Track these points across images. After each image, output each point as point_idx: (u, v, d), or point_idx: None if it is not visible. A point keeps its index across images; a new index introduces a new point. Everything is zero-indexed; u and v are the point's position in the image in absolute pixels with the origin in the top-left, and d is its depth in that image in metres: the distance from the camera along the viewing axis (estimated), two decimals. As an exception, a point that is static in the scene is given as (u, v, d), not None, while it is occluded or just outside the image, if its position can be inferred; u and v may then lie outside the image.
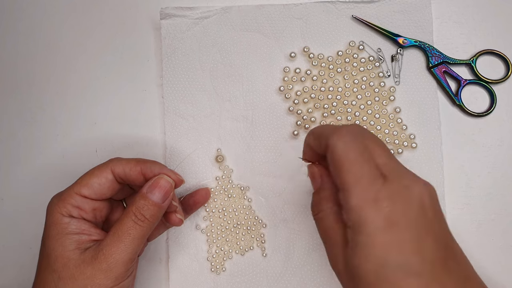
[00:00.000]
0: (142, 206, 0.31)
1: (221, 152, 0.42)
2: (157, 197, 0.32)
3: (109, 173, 0.33)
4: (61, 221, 0.31)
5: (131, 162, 0.33)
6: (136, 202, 0.31)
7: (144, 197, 0.31)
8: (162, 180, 0.32)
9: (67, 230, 0.31)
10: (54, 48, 0.45)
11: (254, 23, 0.43)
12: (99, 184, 0.33)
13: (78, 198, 0.32)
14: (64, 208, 0.32)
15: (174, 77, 0.43)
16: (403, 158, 0.41)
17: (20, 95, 0.44)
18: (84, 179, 0.33)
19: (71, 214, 0.32)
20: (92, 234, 0.32)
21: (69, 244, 0.31)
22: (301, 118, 0.42)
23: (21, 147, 0.44)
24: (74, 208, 0.32)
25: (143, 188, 0.32)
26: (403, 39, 0.42)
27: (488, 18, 0.44)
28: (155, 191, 0.32)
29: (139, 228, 0.31)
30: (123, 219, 0.31)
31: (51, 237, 0.31)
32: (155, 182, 0.32)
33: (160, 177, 0.32)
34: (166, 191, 0.32)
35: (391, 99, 0.42)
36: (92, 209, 0.33)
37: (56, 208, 0.32)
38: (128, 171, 0.33)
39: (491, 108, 0.42)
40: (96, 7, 0.45)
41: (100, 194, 0.33)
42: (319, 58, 0.43)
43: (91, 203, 0.33)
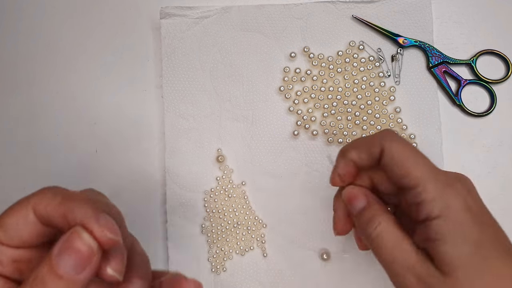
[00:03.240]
0: (44, 276, 0.20)
1: (221, 152, 0.42)
2: (67, 267, 0.20)
3: (30, 212, 0.22)
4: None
5: (55, 199, 0.22)
6: (37, 270, 0.20)
7: (49, 262, 0.20)
8: (78, 240, 0.20)
9: None
10: (54, 48, 0.45)
11: (254, 23, 0.43)
12: (16, 226, 0.22)
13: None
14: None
15: (174, 77, 0.43)
16: (403, 158, 0.41)
17: (20, 95, 0.44)
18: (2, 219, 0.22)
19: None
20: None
21: None
22: (301, 118, 0.42)
23: (21, 147, 0.44)
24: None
25: (54, 248, 0.20)
26: (403, 39, 0.42)
27: (488, 18, 0.44)
28: (64, 254, 0.20)
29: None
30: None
31: None
32: (67, 241, 0.20)
33: (77, 233, 0.20)
34: (83, 258, 0.20)
35: (391, 99, 0.42)
36: (12, 260, 0.23)
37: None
38: (50, 211, 0.22)
39: (491, 108, 0.42)
40: (96, 7, 0.45)
41: (19, 240, 0.22)
42: (319, 58, 0.43)
43: (9, 252, 0.22)
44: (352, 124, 0.42)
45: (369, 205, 0.28)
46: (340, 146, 0.42)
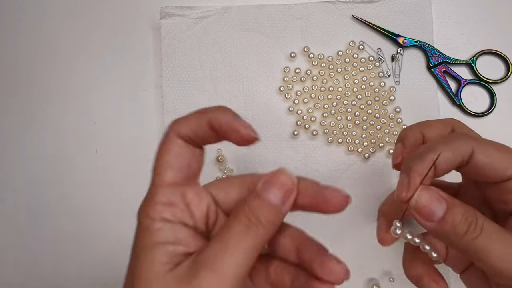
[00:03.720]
0: (256, 207, 0.23)
1: (221, 152, 0.42)
2: (275, 198, 0.23)
3: (177, 139, 0.26)
4: (151, 226, 0.24)
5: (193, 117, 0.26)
6: (248, 202, 0.23)
7: (258, 196, 0.23)
8: (282, 175, 0.24)
9: (158, 238, 0.24)
10: (54, 48, 0.45)
11: (254, 23, 0.43)
12: (176, 157, 0.25)
13: (166, 190, 0.24)
14: (152, 209, 0.24)
15: (174, 77, 0.43)
16: (403, 158, 0.41)
17: (20, 95, 0.44)
18: (158, 163, 0.25)
19: (163, 216, 0.24)
20: (190, 244, 0.24)
21: (159, 257, 0.23)
22: (301, 118, 0.42)
23: (21, 147, 0.44)
24: (165, 207, 0.24)
25: (257, 186, 0.24)
26: (403, 39, 0.42)
27: (488, 18, 0.44)
28: (272, 189, 0.23)
29: (253, 235, 0.23)
30: (231, 223, 0.23)
31: (138, 248, 0.24)
32: (272, 177, 0.24)
33: (280, 171, 0.24)
34: (287, 190, 0.24)
35: (391, 99, 0.42)
36: (185, 203, 0.25)
37: (144, 211, 0.25)
38: (195, 128, 0.25)
39: (491, 108, 0.42)
40: (96, 7, 0.45)
41: (186, 170, 0.25)
42: (319, 58, 0.43)
43: (180, 192, 0.25)
44: (352, 124, 0.42)
45: (454, 205, 0.24)
46: (340, 146, 0.42)
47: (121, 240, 0.43)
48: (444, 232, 0.24)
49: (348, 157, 0.42)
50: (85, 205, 0.43)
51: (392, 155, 0.27)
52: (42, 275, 0.42)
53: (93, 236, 0.43)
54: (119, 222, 0.43)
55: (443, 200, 0.24)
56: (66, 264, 0.42)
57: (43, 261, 0.42)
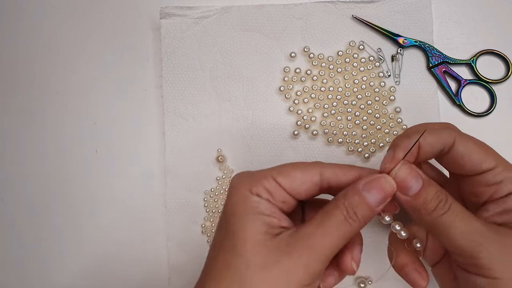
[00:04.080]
0: (356, 203, 0.26)
1: (221, 152, 0.42)
2: (374, 199, 0.26)
3: (316, 174, 0.28)
4: (250, 199, 0.27)
5: (343, 167, 0.29)
6: (348, 196, 0.26)
7: (358, 194, 0.26)
8: (383, 179, 0.26)
9: (257, 209, 0.26)
10: (54, 48, 0.45)
11: (254, 23, 0.43)
12: (301, 181, 0.28)
13: (273, 183, 0.27)
14: (255, 187, 0.27)
15: (174, 77, 0.43)
16: (403, 158, 0.41)
17: (20, 95, 0.44)
18: (285, 168, 0.28)
19: (260, 195, 0.27)
20: (281, 219, 0.27)
21: (259, 225, 0.26)
22: (301, 118, 0.42)
23: (21, 147, 0.44)
24: (265, 191, 0.27)
25: (358, 184, 0.26)
26: (403, 39, 0.42)
27: (488, 18, 0.44)
28: (373, 190, 0.26)
29: (349, 227, 0.25)
30: (331, 211, 0.26)
31: (238, 215, 0.26)
32: (375, 180, 0.26)
33: (382, 176, 0.27)
34: (386, 194, 0.26)
35: (391, 99, 0.42)
36: (281, 201, 0.28)
37: (246, 185, 0.27)
38: (341, 176, 0.28)
39: (491, 108, 0.42)
40: (96, 7, 0.45)
41: (296, 191, 0.28)
42: (319, 58, 0.43)
43: (282, 195, 0.28)
44: (352, 124, 0.42)
45: (429, 184, 0.26)
46: (340, 146, 0.42)
47: (121, 239, 0.43)
48: (415, 206, 0.26)
49: (348, 157, 0.42)
50: (85, 205, 0.43)
51: (382, 160, 0.28)
52: (42, 275, 0.42)
53: (93, 236, 0.43)
54: (119, 221, 0.43)
55: (420, 178, 0.26)
56: (66, 264, 0.42)
57: (43, 261, 0.42)
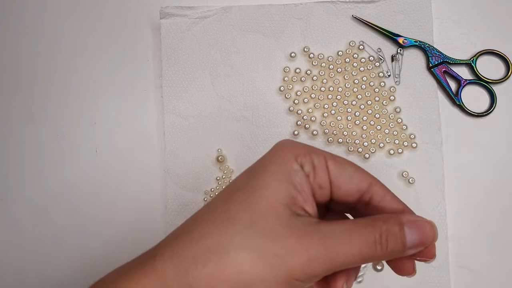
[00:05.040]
0: (393, 233, 0.23)
1: (221, 152, 0.42)
2: (411, 239, 0.24)
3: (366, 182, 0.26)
4: (290, 164, 0.24)
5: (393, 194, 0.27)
6: (388, 223, 0.24)
7: (400, 226, 0.24)
8: (429, 225, 0.24)
9: (291, 177, 0.24)
10: (54, 48, 0.45)
11: (254, 23, 0.43)
12: (350, 178, 0.25)
13: (322, 163, 0.25)
14: (302, 156, 0.25)
15: (174, 77, 0.43)
16: (403, 158, 0.41)
17: (20, 95, 0.44)
18: (340, 157, 0.26)
19: (303, 166, 0.25)
20: (307, 202, 0.24)
21: (284, 194, 0.23)
22: (301, 118, 0.42)
23: (21, 147, 0.44)
24: (310, 165, 0.25)
25: (403, 217, 0.24)
26: (403, 39, 0.42)
27: (488, 18, 0.44)
28: (415, 231, 0.24)
29: (373, 251, 0.23)
30: (365, 227, 0.23)
31: (269, 172, 0.24)
32: (420, 222, 0.24)
33: (429, 222, 0.24)
34: (425, 240, 0.24)
35: (391, 99, 0.42)
36: (319, 185, 0.25)
37: (293, 150, 0.25)
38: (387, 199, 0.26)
39: (491, 108, 0.42)
40: (96, 7, 0.45)
41: (338, 185, 0.26)
42: (319, 58, 0.43)
43: (324, 180, 0.25)
44: (352, 124, 0.42)
45: None
46: (340, 146, 0.42)
47: (122, 239, 0.43)
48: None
49: (348, 157, 0.42)
50: (85, 205, 0.43)
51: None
52: (42, 274, 0.42)
53: (93, 235, 0.43)
54: (119, 221, 0.43)
55: None
56: (66, 263, 0.42)
57: (43, 261, 0.42)
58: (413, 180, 0.41)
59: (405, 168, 0.41)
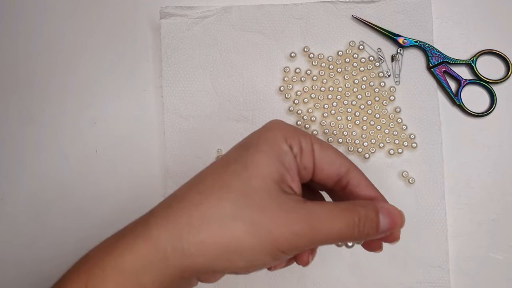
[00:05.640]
0: (369, 219, 0.26)
1: (221, 152, 0.42)
2: (383, 225, 0.26)
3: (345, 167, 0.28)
4: (280, 144, 0.26)
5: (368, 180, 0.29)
6: (367, 209, 0.26)
7: (376, 212, 0.26)
8: (399, 213, 0.27)
9: (281, 157, 0.25)
10: (54, 48, 0.45)
11: (254, 23, 0.43)
12: (331, 162, 0.27)
13: (308, 145, 0.27)
14: (291, 138, 0.26)
15: (174, 77, 0.43)
16: (403, 158, 0.41)
17: (20, 95, 0.44)
18: (323, 141, 0.28)
19: (292, 147, 0.26)
20: (294, 181, 0.26)
21: (275, 172, 0.25)
22: (301, 118, 0.42)
23: (21, 147, 0.44)
24: (298, 147, 0.26)
25: (378, 204, 0.26)
26: (403, 39, 0.42)
27: (488, 18, 0.44)
28: (387, 218, 0.26)
29: (351, 232, 0.25)
30: (347, 210, 0.25)
31: (260, 150, 0.25)
32: (392, 210, 0.26)
33: (399, 210, 0.27)
34: (394, 226, 0.26)
35: (391, 99, 0.42)
36: (304, 166, 0.27)
37: (283, 131, 0.26)
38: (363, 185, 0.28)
39: (491, 108, 0.42)
40: (96, 7, 0.45)
41: (320, 168, 0.27)
42: (319, 58, 0.43)
43: (308, 161, 0.27)
44: (352, 124, 0.42)
45: None
46: (340, 146, 0.42)
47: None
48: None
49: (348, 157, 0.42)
50: (85, 205, 0.43)
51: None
52: (42, 274, 0.42)
53: (93, 235, 0.42)
54: (119, 222, 0.43)
55: None
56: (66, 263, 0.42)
57: (43, 261, 0.42)
58: (413, 180, 0.41)
59: (405, 168, 0.41)
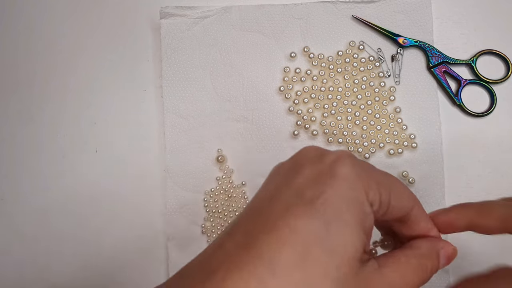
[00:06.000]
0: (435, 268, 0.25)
1: (221, 152, 0.42)
2: (442, 264, 0.25)
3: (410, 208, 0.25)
4: (364, 208, 0.21)
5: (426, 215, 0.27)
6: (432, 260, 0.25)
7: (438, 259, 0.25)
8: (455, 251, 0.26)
9: (364, 224, 0.21)
10: (54, 48, 0.45)
11: (254, 23, 0.43)
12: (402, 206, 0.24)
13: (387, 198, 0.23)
14: (373, 191, 0.22)
15: (174, 77, 0.43)
16: (403, 158, 0.41)
17: (20, 95, 0.44)
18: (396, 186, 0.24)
19: (373, 204, 0.22)
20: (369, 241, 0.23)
21: (359, 248, 0.20)
22: (301, 118, 0.42)
23: (21, 147, 0.44)
24: (378, 202, 0.22)
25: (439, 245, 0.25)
26: (403, 39, 0.42)
27: (488, 18, 0.44)
28: (445, 259, 0.25)
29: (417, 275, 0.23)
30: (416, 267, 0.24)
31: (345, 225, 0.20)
32: (451, 252, 0.26)
33: (453, 247, 0.26)
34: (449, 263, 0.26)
35: (391, 99, 0.42)
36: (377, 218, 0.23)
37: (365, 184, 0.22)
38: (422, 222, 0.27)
39: (491, 108, 0.42)
40: (96, 7, 0.45)
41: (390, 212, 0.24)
42: (319, 58, 0.43)
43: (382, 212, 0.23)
44: (352, 124, 0.42)
45: None
46: (340, 146, 0.42)
47: (121, 240, 0.43)
48: None
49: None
50: (85, 205, 0.43)
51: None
52: (42, 274, 0.42)
53: (93, 235, 0.43)
54: (119, 222, 0.43)
55: None
56: (66, 263, 0.42)
57: (43, 261, 0.42)
58: (413, 180, 0.41)
59: (405, 168, 0.41)
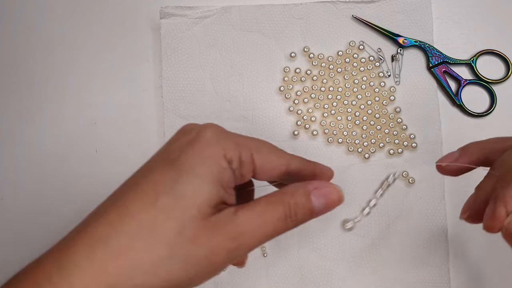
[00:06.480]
0: (299, 206, 0.25)
1: (221, 152, 0.42)
2: (318, 205, 0.25)
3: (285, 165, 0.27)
4: (220, 162, 0.24)
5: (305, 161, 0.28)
6: (295, 196, 0.25)
7: (307, 196, 0.25)
8: (332, 189, 0.26)
9: (220, 177, 0.23)
10: (54, 48, 0.45)
11: (254, 23, 0.43)
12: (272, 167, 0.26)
13: (248, 157, 0.25)
14: (232, 151, 0.24)
15: (174, 77, 0.43)
16: (403, 158, 0.41)
17: (20, 95, 0.44)
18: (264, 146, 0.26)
19: (231, 162, 0.24)
20: (231, 195, 0.25)
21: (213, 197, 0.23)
22: (301, 118, 0.42)
23: (21, 147, 0.44)
24: (237, 161, 0.24)
25: (309, 186, 0.25)
26: (403, 39, 0.42)
27: (488, 18, 0.44)
28: (321, 198, 0.25)
29: (285, 225, 0.24)
30: (274, 204, 0.24)
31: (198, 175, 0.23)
32: (326, 188, 0.26)
33: (333, 186, 0.26)
34: (330, 205, 0.25)
35: (391, 99, 0.42)
36: (241, 175, 0.25)
37: (221, 144, 0.24)
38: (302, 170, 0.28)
39: (491, 108, 0.42)
40: (96, 7, 0.45)
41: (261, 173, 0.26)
42: (319, 58, 0.43)
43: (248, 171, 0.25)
44: (352, 124, 0.42)
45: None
46: (340, 146, 0.42)
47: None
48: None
49: (348, 157, 0.42)
50: (85, 205, 0.43)
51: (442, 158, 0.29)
52: (42, 275, 0.42)
53: (93, 236, 0.43)
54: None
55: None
56: (66, 264, 0.42)
57: (43, 261, 0.42)
58: (413, 180, 0.41)
59: (405, 168, 0.41)
